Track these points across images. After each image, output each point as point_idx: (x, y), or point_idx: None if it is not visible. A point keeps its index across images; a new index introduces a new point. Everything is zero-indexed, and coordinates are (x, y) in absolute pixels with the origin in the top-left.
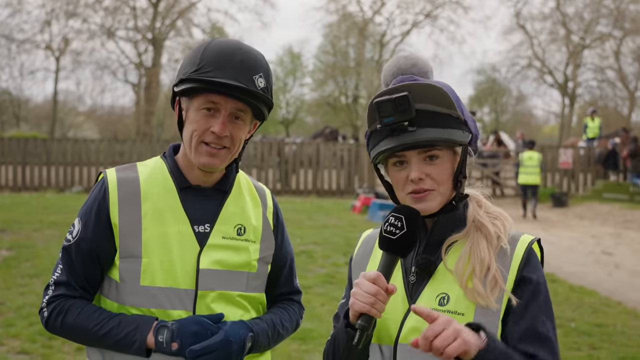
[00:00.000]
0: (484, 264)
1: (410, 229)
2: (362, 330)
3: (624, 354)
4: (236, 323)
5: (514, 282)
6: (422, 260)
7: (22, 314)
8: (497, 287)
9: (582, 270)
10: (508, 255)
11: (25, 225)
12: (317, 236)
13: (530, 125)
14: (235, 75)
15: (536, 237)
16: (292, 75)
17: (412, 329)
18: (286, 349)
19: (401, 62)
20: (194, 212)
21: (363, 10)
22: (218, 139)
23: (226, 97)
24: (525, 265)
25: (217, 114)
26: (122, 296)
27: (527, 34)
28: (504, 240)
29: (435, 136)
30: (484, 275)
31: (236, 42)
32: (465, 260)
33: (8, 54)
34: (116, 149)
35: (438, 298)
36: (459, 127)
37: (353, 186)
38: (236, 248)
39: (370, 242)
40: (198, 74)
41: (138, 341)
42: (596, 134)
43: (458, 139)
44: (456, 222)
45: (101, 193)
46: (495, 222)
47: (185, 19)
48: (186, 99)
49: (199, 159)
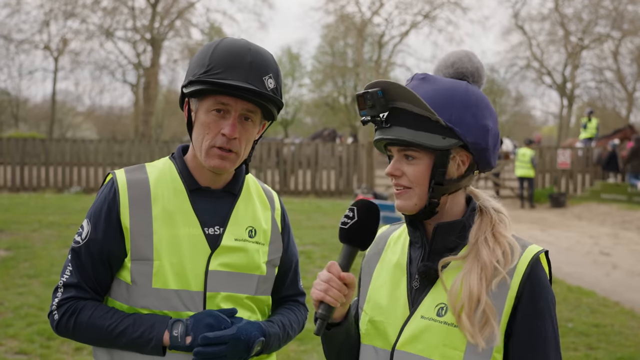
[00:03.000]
0: (473, 299)
1: (361, 219)
2: (321, 319)
3: (621, 354)
4: (251, 323)
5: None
6: (423, 267)
7: (20, 314)
8: (487, 325)
9: (580, 270)
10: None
11: (24, 226)
12: (315, 237)
13: (528, 126)
14: (245, 77)
15: (541, 250)
16: (290, 75)
17: (411, 336)
18: (285, 349)
19: (443, 60)
20: (204, 214)
21: (362, 10)
22: (228, 141)
23: (236, 98)
24: (526, 286)
25: (227, 116)
26: (134, 298)
27: (525, 34)
28: (503, 273)
29: (405, 137)
30: (472, 310)
31: (245, 42)
32: (458, 287)
33: (7, 54)
34: (115, 150)
35: (437, 308)
36: (437, 132)
37: (352, 187)
38: (247, 250)
39: (381, 242)
40: (207, 76)
41: (155, 339)
42: (593, 134)
43: (429, 143)
44: (458, 231)
45: (111, 194)
46: (496, 249)
47: (183, 19)
48: (195, 101)
49: (209, 161)
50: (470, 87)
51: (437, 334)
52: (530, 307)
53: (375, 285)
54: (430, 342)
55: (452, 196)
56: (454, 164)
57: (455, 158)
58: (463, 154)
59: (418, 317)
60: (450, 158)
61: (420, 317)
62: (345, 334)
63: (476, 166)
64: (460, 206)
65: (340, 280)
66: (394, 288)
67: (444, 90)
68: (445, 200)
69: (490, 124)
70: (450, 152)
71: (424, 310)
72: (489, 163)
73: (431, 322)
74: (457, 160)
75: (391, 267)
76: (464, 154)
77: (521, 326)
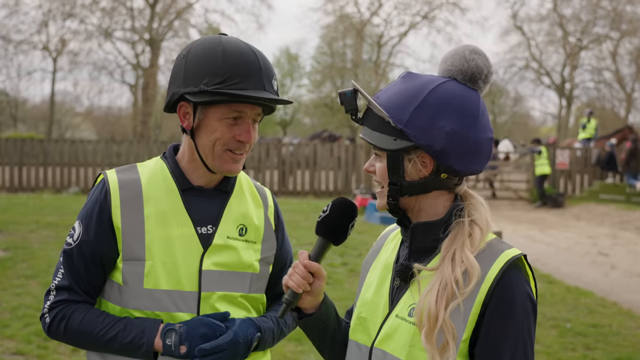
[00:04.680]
0: (431, 317)
1: (332, 213)
2: (285, 303)
3: (619, 354)
4: (244, 322)
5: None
6: (399, 267)
7: (18, 315)
8: (447, 349)
9: (578, 270)
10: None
11: (22, 226)
12: (313, 237)
13: (527, 127)
14: (262, 84)
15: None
16: (289, 76)
17: (386, 334)
18: (282, 349)
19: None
20: (196, 213)
21: (360, 11)
22: (243, 145)
23: (253, 105)
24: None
25: (240, 121)
26: (125, 299)
27: (524, 35)
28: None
29: (367, 136)
30: (432, 330)
31: (246, 45)
32: (423, 301)
33: (5, 54)
34: (113, 150)
35: (409, 308)
36: (390, 134)
37: (350, 187)
38: (239, 249)
39: (381, 240)
40: (226, 87)
41: (145, 345)
42: (592, 134)
43: (381, 144)
44: (436, 232)
45: (102, 195)
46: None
47: (182, 20)
48: (202, 108)
49: (222, 165)
50: (440, 87)
51: (406, 334)
52: (498, 310)
53: (368, 282)
54: (399, 342)
55: (426, 197)
56: (413, 165)
57: (413, 160)
58: (425, 157)
59: (394, 316)
60: (404, 159)
61: (395, 316)
62: (322, 327)
63: (445, 170)
64: (440, 207)
65: (305, 269)
66: (380, 286)
67: (409, 90)
68: (414, 201)
69: (452, 125)
70: (401, 154)
71: (399, 309)
72: (451, 167)
73: (402, 322)
74: (416, 162)
75: (382, 266)
76: (426, 157)
77: (487, 331)
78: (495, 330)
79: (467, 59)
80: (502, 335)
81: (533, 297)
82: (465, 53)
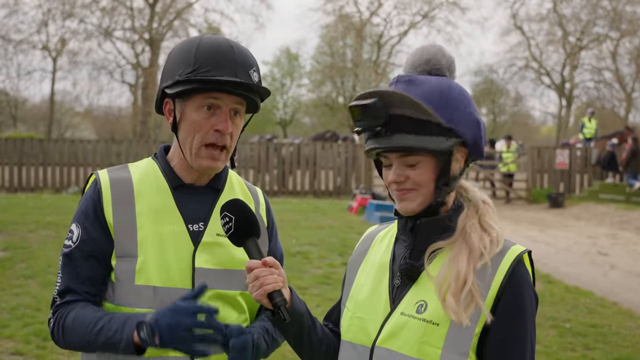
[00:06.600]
0: (460, 279)
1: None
2: (280, 304)
3: (618, 354)
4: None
5: (494, 299)
6: (404, 265)
7: (17, 315)
8: (472, 303)
9: (577, 270)
10: (490, 270)
11: (21, 226)
12: (313, 237)
13: (527, 126)
14: (234, 72)
15: (524, 250)
16: (289, 76)
17: (390, 332)
18: (281, 349)
19: (416, 57)
20: (187, 210)
21: (360, 11)
22: (222, 137)
23: (227, 93)
24: (508, 283)
25: (217, 112)
26: (118, 296)
27: (524, 35)
28: (486, 258)
29: (408, 143)
30: (459, 291)
31: (225, 39)
32: (446, 271)
33: (5, 54)
34: (113, 150)
35: (417, 305)
36: (439, 134)
37: (350, 187)
38: (229, 246)
39: (367, 241)
40: (196, 74)
41: (124, 339)
42: (592, 134)
43: (434, 146)
44: (442, 227)
45: (95, 194)
46: (483, 235)
47: (182, 20)
48: (180, 101)
49: (200, 162)
50: (454, 83)
51: (415, 330)
52: (510, 305)
53: (359, 283)
54: (408, 339)
55: None
56: (456, 161)
57: (456, 156)
58: (462, 150)
59: (398, 313)
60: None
61: (400, 314)
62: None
63: (471, 158)
64: (451, 199)
65: (265, 266)
66: (376, 286)
67: (436, 90)
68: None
69: (476, 114)
70: (452, 152)
71: (404, 307)
72: (482, 152)
73: (410, 319)
74: (457, 157)
75: (375, 266)
76: (462, 150)
77: (499, 324)
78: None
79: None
80: (514, 333)
81: (536, 292)
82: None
